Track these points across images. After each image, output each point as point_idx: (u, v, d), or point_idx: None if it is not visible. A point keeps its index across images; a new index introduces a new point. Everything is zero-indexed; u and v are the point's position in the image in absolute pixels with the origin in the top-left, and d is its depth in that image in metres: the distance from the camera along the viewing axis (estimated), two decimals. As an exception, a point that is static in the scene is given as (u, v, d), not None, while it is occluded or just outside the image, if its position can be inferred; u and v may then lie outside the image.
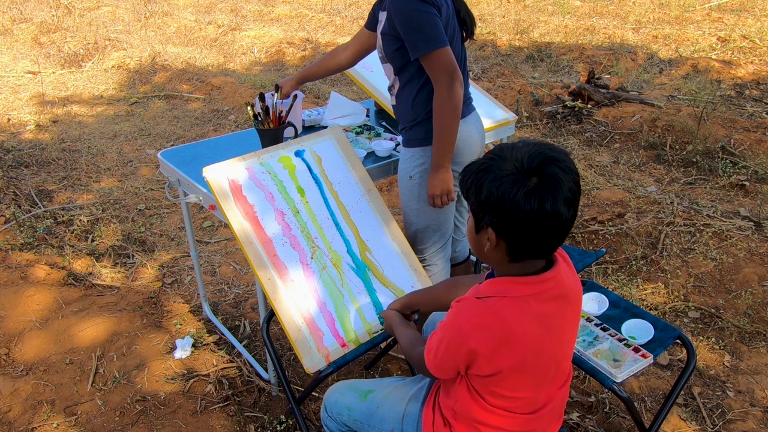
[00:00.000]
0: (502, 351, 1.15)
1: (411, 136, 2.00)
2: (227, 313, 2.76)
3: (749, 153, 4.09)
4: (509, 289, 1.16)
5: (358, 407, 1.50)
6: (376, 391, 1.52)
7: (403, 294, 1.87)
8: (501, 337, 1.14)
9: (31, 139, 4.93)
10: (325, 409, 1.57)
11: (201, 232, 3.55)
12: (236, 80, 6.18)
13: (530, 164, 1.05)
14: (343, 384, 1.59)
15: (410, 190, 2.05)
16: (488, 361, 1.16)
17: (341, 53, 2.26)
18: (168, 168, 2.25)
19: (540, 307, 1.16)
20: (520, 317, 1.15)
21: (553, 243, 1.12)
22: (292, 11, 9.72)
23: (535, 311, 1.16)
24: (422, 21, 1.75)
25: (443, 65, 1.79)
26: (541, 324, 1.17)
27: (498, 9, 9.37)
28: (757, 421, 2.14)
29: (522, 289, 1.15)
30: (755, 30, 7.24)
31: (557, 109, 5.03)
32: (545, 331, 1.18)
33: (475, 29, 2.00)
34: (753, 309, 2.65)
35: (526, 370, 1.19)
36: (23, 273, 2.93)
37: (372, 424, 1.47)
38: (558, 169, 1.05)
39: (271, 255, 1.76)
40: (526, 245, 1.11)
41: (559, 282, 1.18)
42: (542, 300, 1.16)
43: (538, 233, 1.08)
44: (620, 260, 3.06)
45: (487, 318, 1.15)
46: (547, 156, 1.06)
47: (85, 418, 2.13)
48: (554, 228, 1.08)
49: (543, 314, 1.17)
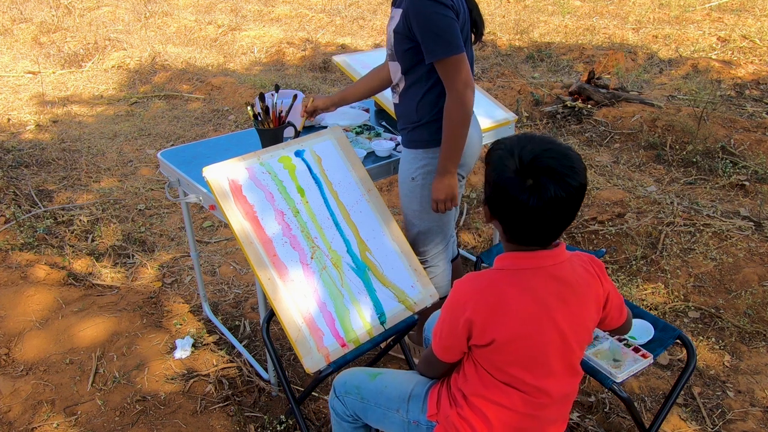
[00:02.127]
0: (495, 319, 1.22)
1: (414, 138, 1.98)
2: (227, 313, 2.76)
3: (749, 153, 4.09)
4: (508, 264, 1.25)
5: (366, 386, 1.54)
6: (385, 373, 1.57)
7: (403, 294, 1.88)
8: (495, 305, 1.22)
9: (31, 139, 4.93)
10: (333, 390, 1.61)
11: (201, 232, 3.55)
12: (236, 80, 6.18)
13: (529, 168, 1.15)
14: (353, 368, 1.63)
15: (412, 191, 2.03)
16: (483, 329, 1.23)
17: (382, 70, 2.18)
18: (168, 168, 2.25)
19: (537, 282, 1.23)
20: (515, 289, 1.22)
21: (542, 235, 1.21)
22: (292, 11, 9.73)
23: (531, 286, 1.22)
24: (441, 25, 1.73)
25: (459, 72, 1.77)
26: (535, 299, 1.22)
27: (498, 9, 9.37)
28: (757, 421, 2.14)
29: (520, 263, 1.24)
30: (755, 30, 7.24)
31: (557, 109, 5.03)
32: (540, 308, 1.22)
33: (484, 31, 1.98)
34: (753, 309, 2.65)
35: (518, 346, 1.23)
36: (23, 273, 2.93)
37: (379, 402, 1.51)
38: (549, 181, 1.14)
39: (271, 255, 1.76)
40: (514, 230, 1.22)
41: (559, 265, 1.24)
42: (540, 276, 1.23)
43: (524, 223, 1.19)
44: (620, 260, 3.06)
45: (484, 287, 1.24)
46: (547, 166, 1.15)
47: (85, 418, 2.13)
48: (538, 223, 1.18)
49: (539, 290, 1.22)
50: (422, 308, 1.89)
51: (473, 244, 3.38)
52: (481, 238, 3.41)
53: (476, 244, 3.38)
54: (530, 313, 1.22)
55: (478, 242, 3.39)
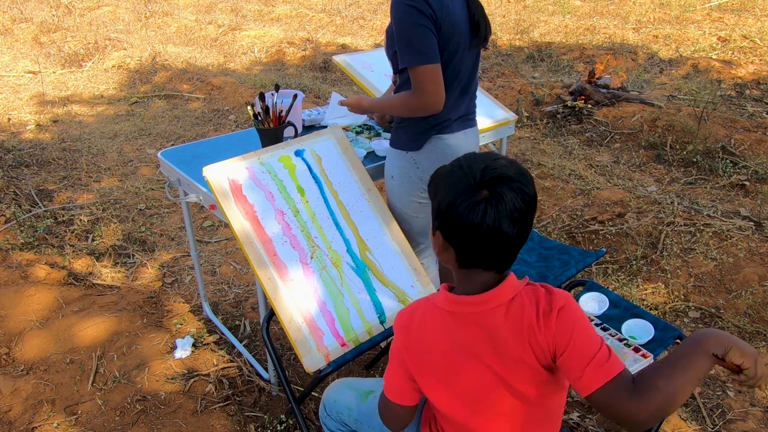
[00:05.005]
0: (413, 350, 1.21)
1: (394, 137, 2.01)
2: (227, 312, 2.76)
3: (749, 153, 4.09)
4: (436, 297, 1.21)
5: (358, 408, 1.50)
6: (376, 391, 1.52)
7: (403, 293, 1.88)
8: (413, 336, 1.21)
9: (31, 138, 4.94)
10: (324, 408, 1.57)
11: (201, 232, 3.55)
12: (236, 80, 6.18)
13: (482, 178, 1.07)
14: (342, 383, 1.59)
15: (391, 190, 2.06)
16: (409, 360, 1.22)
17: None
18: (168, 168, 2.25)
19: (454, 325, 1.17)
20: (432, 324, 1.20)
21: (498, 257, 1.11)
22: (292, 11, 9.73)
23: (447, 326, 1.18)
24: (413, 33, 1.73)
25: (425, 81, 1.77)
26: (453, 341, 1.17)
27: (498, 9, 9.37)
28: (757, 421, 2.14)
29: (443, 301, 1.18)
30: (755, 30, 7.23)
31: (557, 108, 5.03)
32: (457, 350, 1.17)
33: (489, 35, 1.92)
34: (753, 309, 2.65)
35: (446, 383, 1.21)
36: (23, 273, 2.94)
37: (372, 425, 1.47)
38: (507, 189, 1.06)
39: (271, 254, 1.76)
40: (471, 255, 1.11)
41: (486, 313, 1.14)
42: (458, 321, 1.17)
43: (480, 245, 1.08)
44: (620, 260, 3.06)
45: (407, 318, 1.24)
46: (501, 174, 1.07)
47: (86, 418, 2.13)
48: (496, 242, 1.08)
49: (456, 333, 1.17)
50: (422, 308, 1.89)
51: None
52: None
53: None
54: (454, 355, 1.17)
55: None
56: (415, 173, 1.97)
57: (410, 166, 1.97)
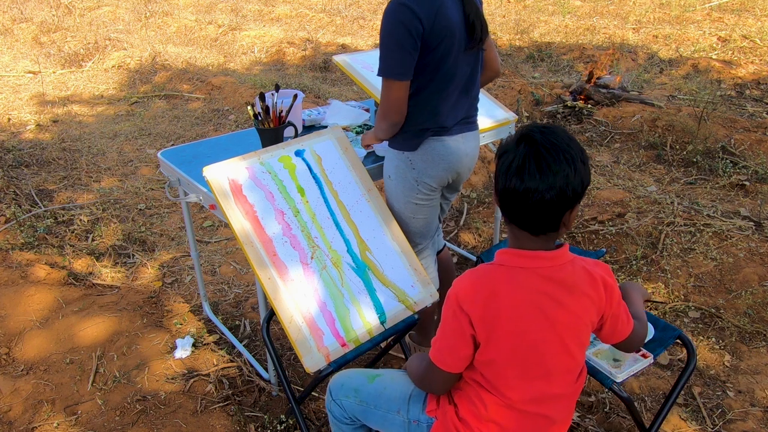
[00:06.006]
0: (489, 313, 1.22)
1: (393, 137, 2.01)
2: (227, 312, 2.76)
3: (749, 153, 4.09)
4: (506, 260, 1.26)
5: (365, 389, 1.53)
6: (383, 374, 1.56)
7: (403, 293, 1.88)
8: (487, 299, 1.22)
9: (31, 138, 4.94)
10: (330, 394, 1.59)
11: (201, 232, 3.55)
12: (236, 80, 6.18)
13: (524, 150, 1.19)
14: (349, 370, 1.62)
15: (389, 190, 2.08)
16: (480, 325, 1.23)
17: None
18: (168, 168, 2.25)
19: (532, 282, 1.23)
20: (509, 286, 1.23)
21: (533, 220, 1.21)
22: (292, 11, 9.73)
23: (525, 285, 1.23)
24: (389, 47, 1.76)
25: (387, 97, 1.83)
26: (528, 298, 1.22)
27: (498, 9, 9.37)
28: (757, 421, 2.14)
29: (518, 261, 1.25)
30: (756, 30, 7.24)
31: (557, 108, 5.03)
32: (533, 308, 1.23)
33: (485, 37, 1.90)
34: (753, 309, 2.65)
35: (511, 343, 1.23)
36: (24, 272, 2.94)
37: (379, 404, 1.49)
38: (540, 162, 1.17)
39: (271, 254, 1.76)
40: (510, 214, 1.24)
41: (558, 267, 1.24)
42: (535, 276, 1.23)
43: (514, 206, 1.21)
44: (620, 260, 3.06)
45: (478, 281, 1.25)
46: (539, 151, 1.18)
47: (86, 418, 2.13)
48: (527, 205, 1.19)
49: (533, 289, 1.22)
50: (422, 308, 1.89)
51: (473, 243, 3.38)
52: (482, 238, 3.41)
53: (476, 244, 3.38)
54: (523, 311, 1.22)
55: (478, 242, 3.39)
56: (411, 174, 1.97)
57: (406, 167, 1.97)
